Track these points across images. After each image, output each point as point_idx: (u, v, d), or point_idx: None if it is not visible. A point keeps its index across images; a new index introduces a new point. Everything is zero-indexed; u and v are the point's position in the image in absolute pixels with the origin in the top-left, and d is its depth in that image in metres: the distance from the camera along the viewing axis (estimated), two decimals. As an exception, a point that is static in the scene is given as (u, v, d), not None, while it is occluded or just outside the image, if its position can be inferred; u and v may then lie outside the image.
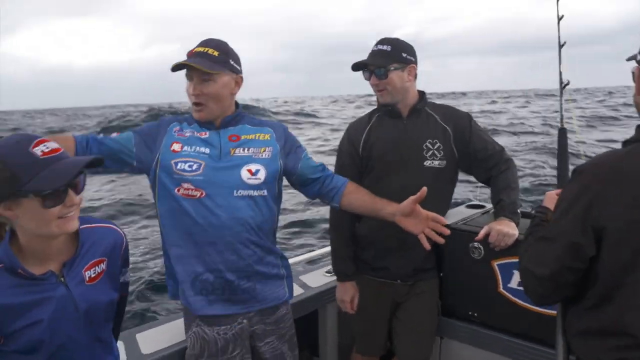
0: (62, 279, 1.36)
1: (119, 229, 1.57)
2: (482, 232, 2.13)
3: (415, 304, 2.35)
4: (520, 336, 2.19)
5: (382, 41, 2.19)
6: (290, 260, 2.21)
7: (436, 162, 2.23)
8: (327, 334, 2.79)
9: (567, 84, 2.24)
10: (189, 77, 1.87)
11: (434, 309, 2.40)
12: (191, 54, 1.86)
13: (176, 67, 1.83)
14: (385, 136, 2.26)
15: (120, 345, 2.00)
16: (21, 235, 1.31)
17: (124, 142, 1.86)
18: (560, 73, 2.24)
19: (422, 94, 2.30)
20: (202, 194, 1.83)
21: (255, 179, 1.90)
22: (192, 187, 1.83)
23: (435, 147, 2.23)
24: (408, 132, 2.25)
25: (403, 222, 1.94)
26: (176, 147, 1.88)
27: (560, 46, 2.23)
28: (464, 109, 2.45)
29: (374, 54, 2.20)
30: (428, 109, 2.29)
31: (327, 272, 2.84)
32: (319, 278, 2.76)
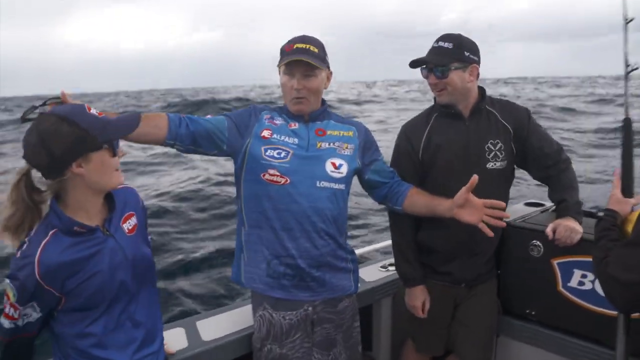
0: (107, 232, 1.50)
1: (132, 187, 1.70)
2: (549, 229, 2.08)
3: (476, 304, 2.32)
4: (579, 336, 2.14)
5: (444, 38, 2.11)
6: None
7: (498, 164, 2.17)
8: (381, 329, 2.81)
9: (635, 68, 1.93)
10: (289, 72, 1.94)
11: (494, 308, 2.37)
12: (291, 50, 1.93)
13: (284, 62, 1.91)
14: (447, 141, 2.18)
15: (181, 332, 2.10)
16: (75, 197, 1.45)
17: (218, 124, 1.94)
18: (626, 55, 1.94)
19: (482, 91, 2.21)
20: (286, 181, 1.90)
21: (338, 172, 1.98)
22: (278, 174, 1.90)
23: (497, 147, 2.17)
24: (470, 134, 2.17)
25: (459, 214, 1.95)
26: (266, 133, 1.96)
27: (626, 22, 1.92)
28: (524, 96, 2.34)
29: (434, 51, 2.12)
30: (487, 107, 2.22)
31: (382, 267, 2.85)
32: (374, 273, 2.77)
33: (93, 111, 1.42)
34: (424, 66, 2.15)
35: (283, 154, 1.92)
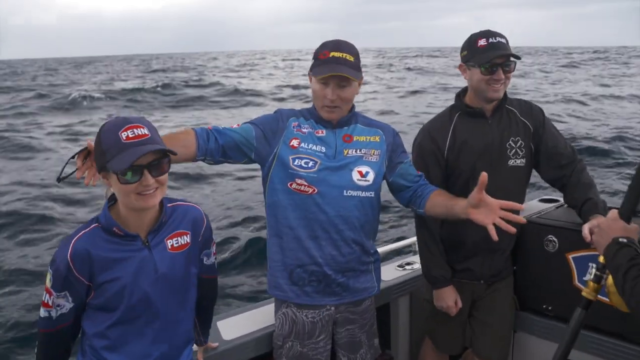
0: (147, 243, 1.55)
1: (200, 209, 1.72)
2: (586, 231, 1.95)
3: (493, 301, 2.34)
4: (596, 330, 2.14)
5: (495, 33, 2.09)
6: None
7: (519, 161, 2.19)
8: (399, 327, 2.83)
9: None
10: (324, 81, 1.90)
11: (511, 304, 2.39)
12: (327, 58, 1.90)
13: (323, 77, 1.88)
14: (471, 139, 2.19)
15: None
16: (120, 205, 1.52)
17: (245, 134, 1.96)
18: None
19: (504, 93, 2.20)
20: (313, 190, 1.92)
21: (365, 180, 1.97)
22: (306, 184, 1.92)
23: (518, 144, 2.19)
24: (494, 132, 2.19)
25: (473, 214, 1.83)
26: (294, 143, 1.96)
27: None
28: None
29: (501, 46, 2.07)
30: (507, 105, 2.23)
31: (399, 266, 2.87)
32: (391, 272, 2.79)
33: (127, 133, 1.42)
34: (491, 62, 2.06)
35: (311, 164, 1.92)
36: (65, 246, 1.47)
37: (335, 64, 1.88)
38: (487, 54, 2.07)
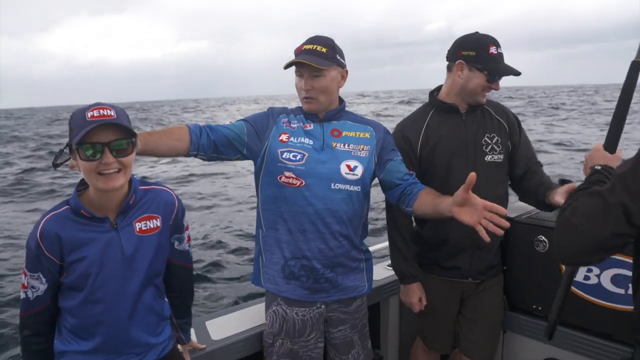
0: (115, 225, 1.57)
1: (172, 192, 1.72)
2: (563, 190, 2.01)
3: (482, 300, 2.34)
4: (585, 331, 2.15)
5: (497, 42, 2.14)
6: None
7: (496, 157, 2.21)
8: (389, 327, 2.82)
9: None
10: (299, 73, 1.98)
11: (500, 304, 2.39)
12: (300, 51, 1.96)
13: (288, 65, 1.95)
14: (445, 135, 2.21)
15: (190, 331, 2.12)
16: (90, 188, 1.55)
17: (237, 130, 1.98)
18: None
19: None
20: (301, 183, 1.94)
21: (353, 174, 1.98)
22: (294, 176, 1.94)
23: (494, 141, 2.21)
24: (468, 128, 2.22)
25: (457, 213, 1.75)
26: (284, 137, 1.98)
27: None
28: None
29: (503, 57, 2.14)
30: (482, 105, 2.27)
31: (389, 265, 2.87)
32: (381, 271, 2.79)
33: (92, 112, 1.44)
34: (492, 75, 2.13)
35: (299, 157, 1.95)
36: (36, 227, 1.51)
37: (305, 54, 1.93)
38: (501, 65, 2.11)
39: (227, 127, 1.98)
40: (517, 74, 2.13)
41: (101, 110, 1.45)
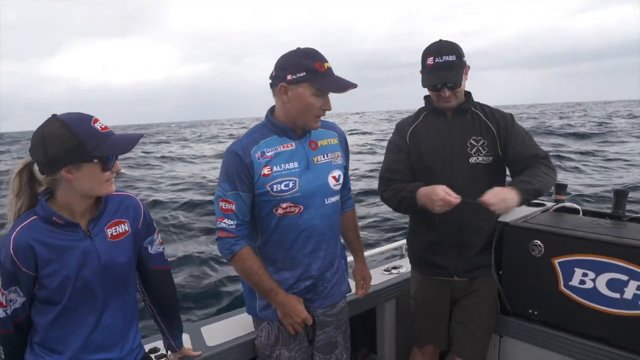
0: (88, 233, 1.57)
1: (135, 197, 1.75)
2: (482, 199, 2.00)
3: (473, 301, 2.35)
4: (582, 335, 2.14)
5: (444, 50, 2.16)
6: (349, 259, 2.31)
7: (481, 159, 2.23)
8: (385, 332, 2.82)
9: None
10: (320, 93, 1.86)
11: (492, 306, 2.39)
12: (325, 70, 1.85)
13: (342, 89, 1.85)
14: (431, 133, 2.30)
15: (185, 337, 2.11)
16: (63, 196, 1.53)
17: (245, 201, 1.91)
18: None
19: (468, 94, 2.30)
20: (300, 209, 1.93)
21: (339, 184, 2.03)
22: (292, 205, 1.92)
23: (480, 143, 2.23)
24: (452, 129, 2.27)
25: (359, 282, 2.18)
26: (266, 170, 1.89)
27: None
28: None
29: (444, 66, 2.15)
30: (474, 108, 2.31)
31: (385, 270, 2.87)
32: (377, 276, 2.79)
33: (98, 125, 1.49)
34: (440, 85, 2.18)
35: (291, 184, 1.90)
36: (6, 243, 1.48)
37: (335, 74, 1.87)
38: (431, 75, 2.18)
39: (240, 206, 1.91)
40: (444, 83, 2.16)
41: (101, 122, 1.51)
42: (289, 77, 1.83)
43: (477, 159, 2.23)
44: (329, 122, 2.13)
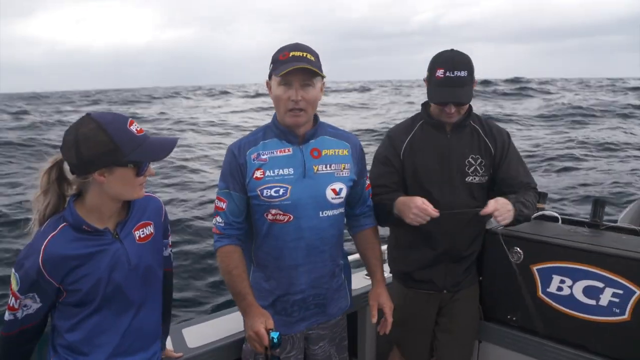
0: (117, 236, 1.55)
1: (158, 198, 1.73)
2: (491, 203, 1.96)
3: (458, 310, 2.36)
4: (559, 341, 2.18)
5: (458, 65, 2.04)
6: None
7: (477, 178, 2.19)
8: (367, 336, 2.83)
9: None
10: (285, 82, 1.77)
11: (475, 314, 2.41)
12: (287, 58, 1.76)
13: (286, 72, 1.73)
14: (428, 148, 2.20)
15: (167, 339, 2.10)
16: (93, 198, 1.50)
17: (238, 202, 1.89)
18: None
19: (469, 108, 2.21)
20: (289, 218, 1.85)
21: (339, 198, 1.91)
22: (281, 212, 1.84)
23: (478, 162, 2.19)
24: (451, 146, 2.19)
25: (371, 307, 2.06)
26: (258, 174, 1.84)
27: None
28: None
29: (457, 82, 2.04)
30: (472, 123, 2.24)
31: (367, 274, 2.88)
32: (359, 280, 2.79)
33: (133, 127, 1.46)
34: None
35: (282, 191, 1.82)
36: (35, 251, 1.43)
37: (297, 61, 1.74)
38: (441, 92, 2.06)
39: (231, 206, 1.90)
40: (458, 103, 2.07)
41: (137, 125, 1.48)
42: (269, 73, 1.84)
43: (474, 178, 2.18)
44: (345, 131, 2.03)
